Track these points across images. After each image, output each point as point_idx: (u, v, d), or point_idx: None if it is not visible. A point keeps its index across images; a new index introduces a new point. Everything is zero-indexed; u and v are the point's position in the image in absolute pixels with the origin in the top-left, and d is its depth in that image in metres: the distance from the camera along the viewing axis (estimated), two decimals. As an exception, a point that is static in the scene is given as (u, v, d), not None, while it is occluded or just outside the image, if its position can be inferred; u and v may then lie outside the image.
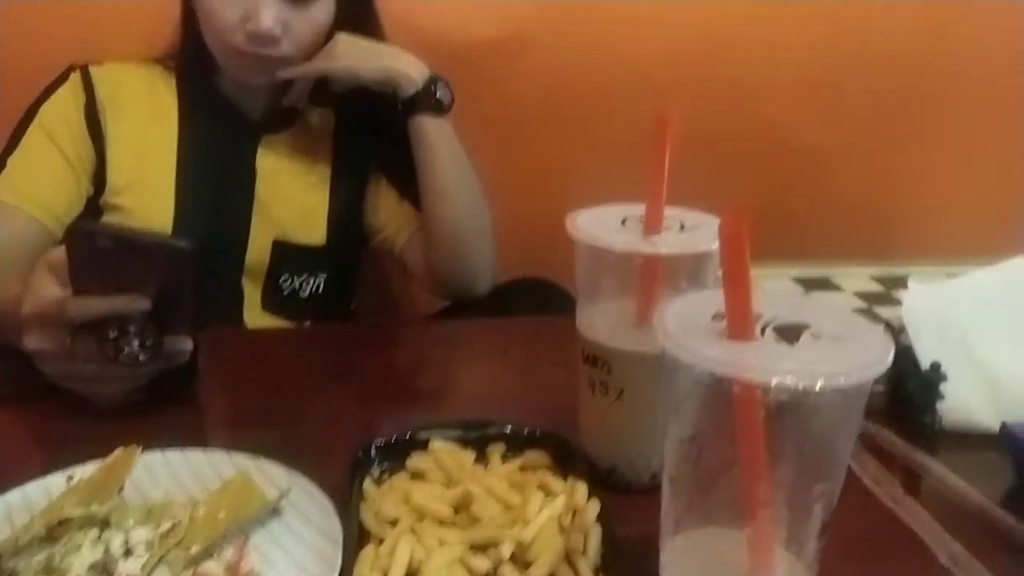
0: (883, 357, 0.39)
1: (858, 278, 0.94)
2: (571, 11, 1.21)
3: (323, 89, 1.00)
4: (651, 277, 0.57)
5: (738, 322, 0.40)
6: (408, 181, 0.99)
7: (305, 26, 0.91)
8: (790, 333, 0.41)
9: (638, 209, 0.59)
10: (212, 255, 0.94)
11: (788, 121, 1.31)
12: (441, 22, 1.16)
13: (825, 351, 0.40)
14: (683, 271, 0.57)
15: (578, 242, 0.57)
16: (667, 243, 0.56)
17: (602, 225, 0.58)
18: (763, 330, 0.42)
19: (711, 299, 0.43)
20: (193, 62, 0.96)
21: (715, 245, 0.54)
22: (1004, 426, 0.65)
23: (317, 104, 1.03)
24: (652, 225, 0.58)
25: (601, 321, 0.59)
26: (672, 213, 0.59)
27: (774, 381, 0.37)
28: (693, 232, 0.58)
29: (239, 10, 0.88)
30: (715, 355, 0.39)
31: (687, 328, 0.42)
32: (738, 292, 0.39)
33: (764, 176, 1.31)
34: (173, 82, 0.98)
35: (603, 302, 0.60)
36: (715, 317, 0.43)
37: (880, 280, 0.94)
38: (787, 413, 0.39)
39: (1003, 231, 1.15)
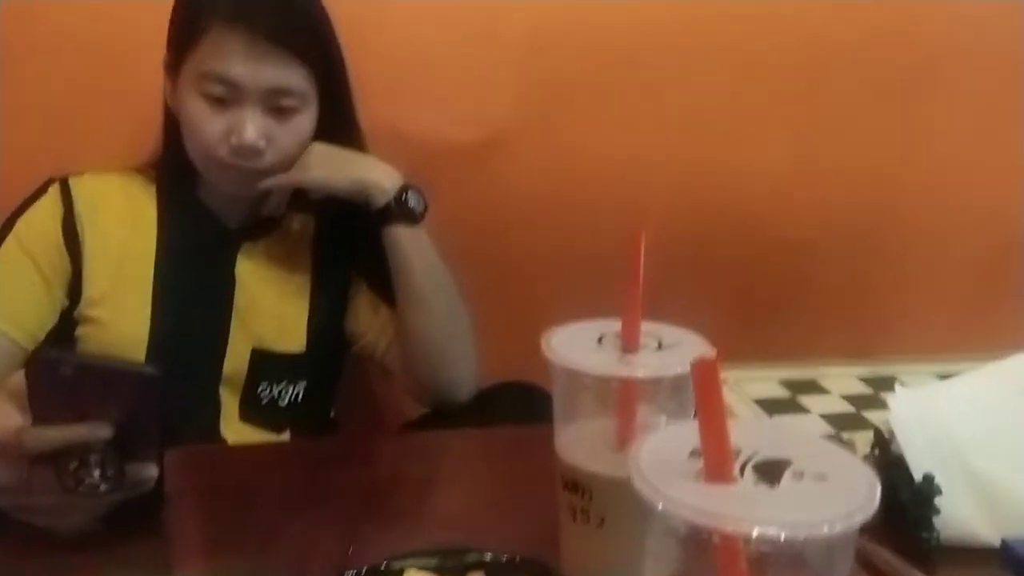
0: (869, 501, 0.37)
1: (845, 379, 0.92)
2: (551, 114, 1.22)
3: (303, 195, 1.00)
4: (630, 399, 0.55)
5: (716, 465, 0.38)
6: (388, 287, 0.98)
7: (288, 138, 0.92)
8: (771, 472, 0.40)
9: (615, 325, 0.58)
10: (189, 366, 0.93)
11: (768, 213, 1.31)
12: (421, 126, 1.17)
13: (808, 494, 0.38)
14: (663, 390, 0.55)
15: (553, 364, 0.56)
16: (644, 364, 0.55)
17: (578, 344, 0.57)
18: (743, 468, 0.40)
19: (688, 434, 0.41)
20: (174, 171, 0.96)
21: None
22: (1005, 543, 0.62)
23: (297, 210, 1.03)
24: (629, 343, 0.57)
25: (580, 444, 0.57)
26: (650, 328, 0.58)
27: (755, 532, 0.35)
28: (672, 350, 0.57)
29: (223, 124, 0.89)
30: (693, 503, 0.37)
31: (663, 468, 0.40)
32: (714, 435, 0.37)
33: (746, 270, 1.31)
34: (153, 191, 0.98)
35: (582, 424, 0.58)
36: (692, 454, 0.41)
37: (868, 381, 0.92)
38: (771, 562, 0.37)
39: (990, 327, 1.14)
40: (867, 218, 1.35)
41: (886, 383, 0.91)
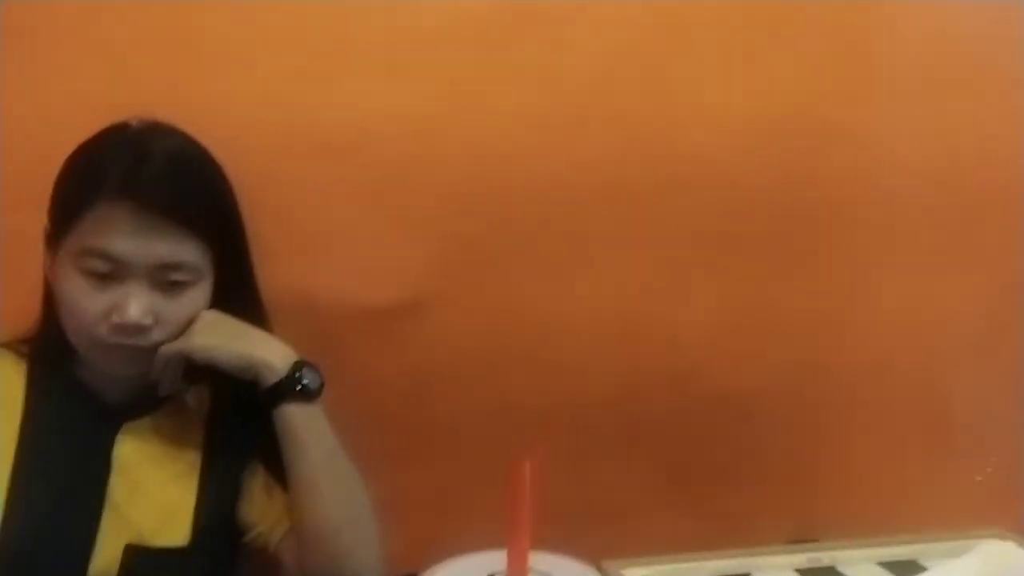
0: None
1: (783, 572, 0.85)
2: (473, 273, 1.17)
3: (197, 365, 0.93)
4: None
5: None
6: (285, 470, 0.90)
7: (178, 314, 0.86)
8: None
9: (502, 559, 0.51)
10: (48, 566, 0.83)
11: (699, 371, 1.26)
12: (332, 288, 1.11)
13: None
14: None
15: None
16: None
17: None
18: None
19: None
20: (49, 347, 0.89)
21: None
22: None
23: (191, 381, 0.95)
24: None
25: None
26: (541, 562, 0.51)
27: None
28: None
29: (105, 301, 0.83)
30: None
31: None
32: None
33: (677, 439, 1.25)
34: (24, 367, 0.90)
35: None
36: None
37: (806, 574, 0.85)
38: None
39: (938, 498, 1.09)
40: (804, 373, 1.30)
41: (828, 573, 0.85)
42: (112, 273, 0.83)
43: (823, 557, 0.88)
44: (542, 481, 0.54)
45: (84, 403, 0.90)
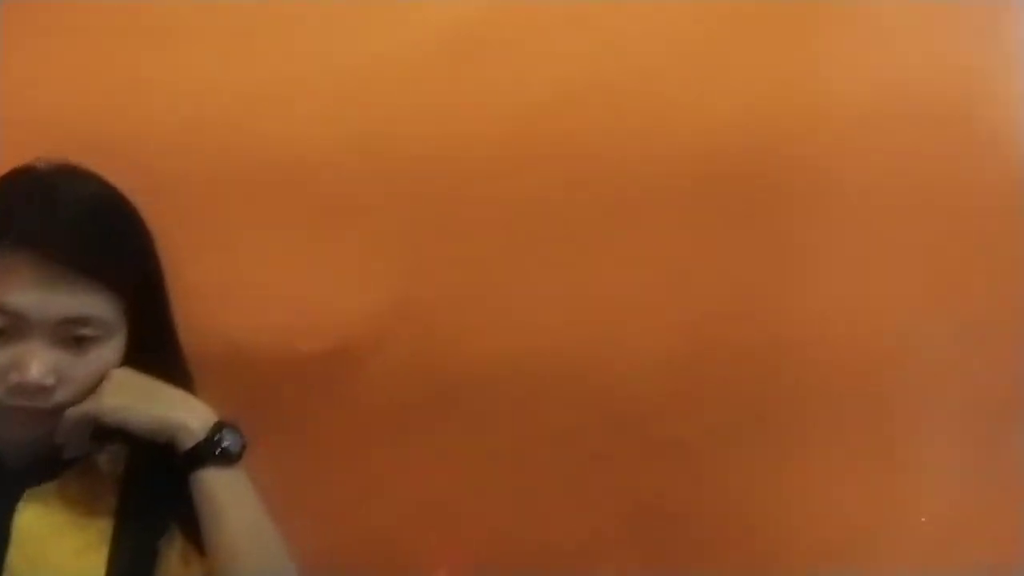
0: None
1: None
2: (414, 317, 1.12)
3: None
4: None
5: None
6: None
7: (85, 372, 0.81)
8: None
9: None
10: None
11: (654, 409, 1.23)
12: (264, 334, 1.06)
13: None
14: None
15: None
16: None
17: None
18: None
19: None
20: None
21: None
22: None
23: (104, 441, 0.89)
24: None
25: None
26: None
27: None
28: None
29: (3, 359, 0.77)
30: None
31: None
32: None
33: (629, 484, 1.21)
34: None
35: None
36: None
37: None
38: None
39: (886, 545, 1.06)
40: (756, 410, 1.27)
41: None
42: (11, 329, 0.77)
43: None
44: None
45: (-19, 469, 0.83)
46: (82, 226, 0.80)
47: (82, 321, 0.79)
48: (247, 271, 1.06)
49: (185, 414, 0.83)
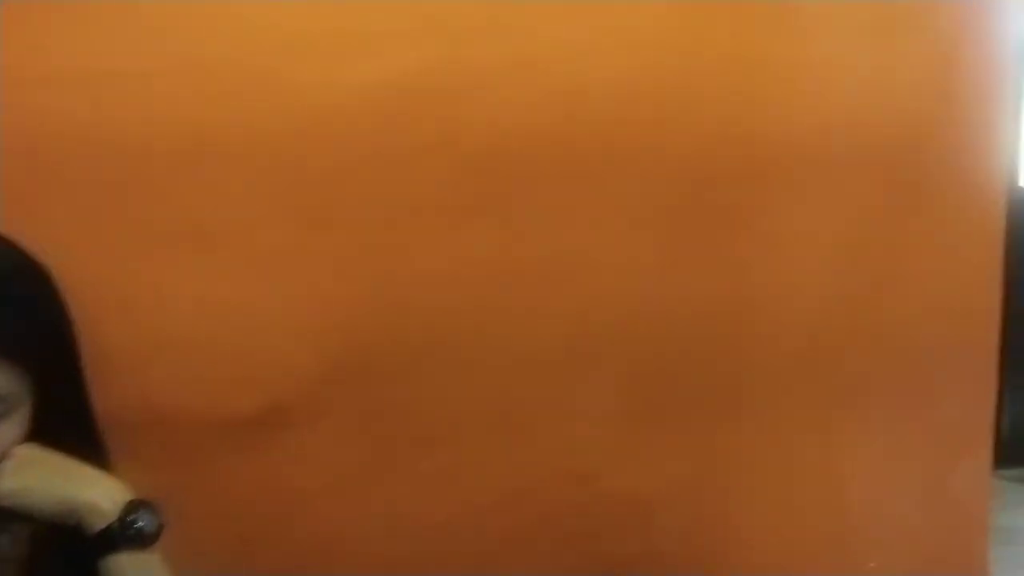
0: None
1: None
2: (348, 378, 1.07)
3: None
4: None
5: None
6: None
7: None
8: None
9: None
10: None
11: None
12: (186, 397, 0.99)
13: None
14: None
15: None
16: None
17: None
18: None
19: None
20: None
21: None
22: None
23: (6, 520, 0.81)
24: None
25: None
26: None
27: None
28: None
29: None
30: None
31: None
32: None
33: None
34: None
35: None
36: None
37: None
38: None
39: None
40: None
41: None
42: None
43: None
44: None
45: None
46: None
47: None
48: (168, 331, 1.00)
49: (95, 493, 0.76)
